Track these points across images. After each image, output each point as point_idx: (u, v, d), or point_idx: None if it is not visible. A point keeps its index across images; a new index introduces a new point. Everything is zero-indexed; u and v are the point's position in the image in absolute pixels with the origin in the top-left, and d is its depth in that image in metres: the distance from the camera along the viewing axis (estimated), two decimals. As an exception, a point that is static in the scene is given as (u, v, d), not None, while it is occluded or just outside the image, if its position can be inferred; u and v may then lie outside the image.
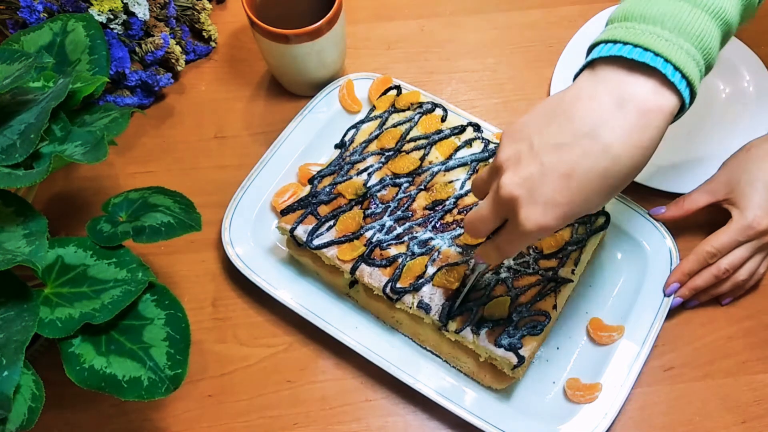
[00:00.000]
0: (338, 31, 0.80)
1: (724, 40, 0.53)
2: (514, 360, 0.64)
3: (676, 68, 0.48)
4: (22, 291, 0.57)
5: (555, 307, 0.68)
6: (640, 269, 0.75)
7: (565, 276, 0.70)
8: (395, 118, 0.79)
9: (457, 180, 0.75)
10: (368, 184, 0.74)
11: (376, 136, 0.77)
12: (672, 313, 0.74)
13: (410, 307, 0.69)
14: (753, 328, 0.75)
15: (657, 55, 0.48)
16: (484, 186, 0.57)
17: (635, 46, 0.49)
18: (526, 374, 0.71)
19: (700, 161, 0.82)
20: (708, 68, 0.51)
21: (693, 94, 0.50)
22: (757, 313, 0.76)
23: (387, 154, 0.76)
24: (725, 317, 0.76)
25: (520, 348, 0.65)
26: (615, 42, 0.50)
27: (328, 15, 0.77)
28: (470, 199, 0.73)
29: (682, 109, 0.51)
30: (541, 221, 0.50)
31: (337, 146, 0.79)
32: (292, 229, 0.71)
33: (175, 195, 0.68)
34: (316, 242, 0.71)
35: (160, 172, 0.84)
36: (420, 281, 0.68)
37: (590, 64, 0.51)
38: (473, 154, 0.76)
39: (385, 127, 0.78)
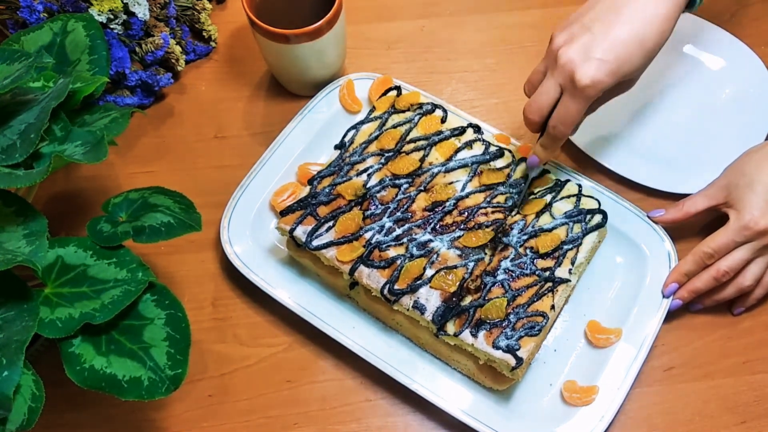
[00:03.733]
0: (338, 31, 0.80)
1: None
2: (513, 362, 0.64)
3: None
4: (22, 291, 0.57)
5: (553, 307, 0.68)
6: (639, 272, 0.75)
7: (561, 276, 0.70)
8: (395, 118, 0.79)
9: (458, 181, 0.74)
10: (368, 185, 0.74)
11: (376, 137, 0.77)
12: (672, 313, 0.74)
13: (407, 309, 0.69)
14: (753, 328, 0.75)
15: None
16: (539, 76, 0.69)
17: None
18: (523, 376, 0.71)
19: (700, 161, 0.82)
20: None
21: None
22: (757, 313, 0.76)
23: (387, 155, 0.76)
24: (725, 317, 0.76)
25: (518, 349, 0.65)
26: None
27: (328, 15, 0.77)
28: (471, 200, 0.73)
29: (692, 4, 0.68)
30: (595, 75, 0.63)
31: (336, 147, 0.79)
32: (292, 230, 0.71)
33: (175, 195, 0.68)
34: (316, 243, 0.71)
35: (160, 172, 0.84)
36: (417, 282, 0.68)
37: None
38: (474, 156, 0.76)
39: (384, 127, 0.78)
